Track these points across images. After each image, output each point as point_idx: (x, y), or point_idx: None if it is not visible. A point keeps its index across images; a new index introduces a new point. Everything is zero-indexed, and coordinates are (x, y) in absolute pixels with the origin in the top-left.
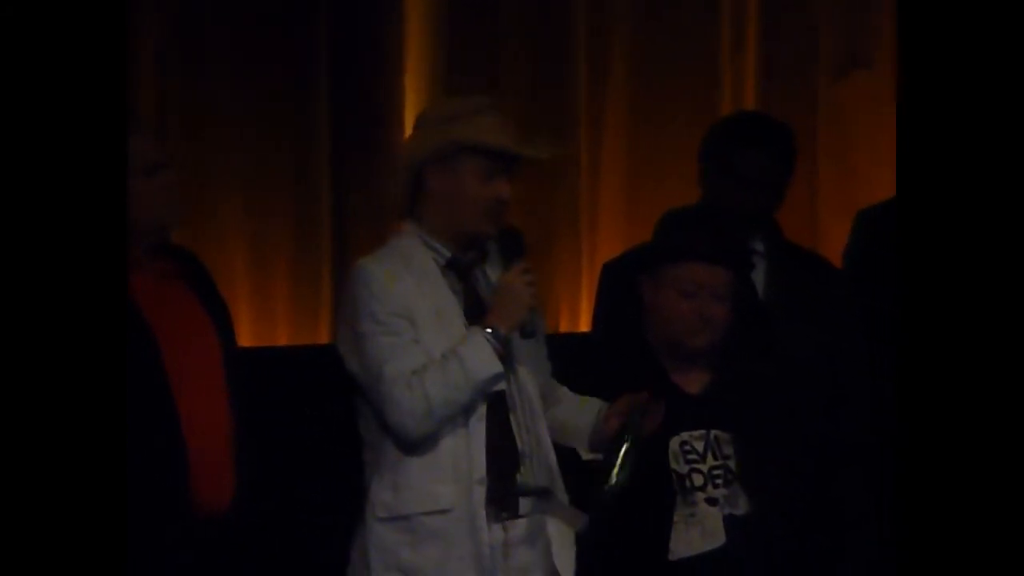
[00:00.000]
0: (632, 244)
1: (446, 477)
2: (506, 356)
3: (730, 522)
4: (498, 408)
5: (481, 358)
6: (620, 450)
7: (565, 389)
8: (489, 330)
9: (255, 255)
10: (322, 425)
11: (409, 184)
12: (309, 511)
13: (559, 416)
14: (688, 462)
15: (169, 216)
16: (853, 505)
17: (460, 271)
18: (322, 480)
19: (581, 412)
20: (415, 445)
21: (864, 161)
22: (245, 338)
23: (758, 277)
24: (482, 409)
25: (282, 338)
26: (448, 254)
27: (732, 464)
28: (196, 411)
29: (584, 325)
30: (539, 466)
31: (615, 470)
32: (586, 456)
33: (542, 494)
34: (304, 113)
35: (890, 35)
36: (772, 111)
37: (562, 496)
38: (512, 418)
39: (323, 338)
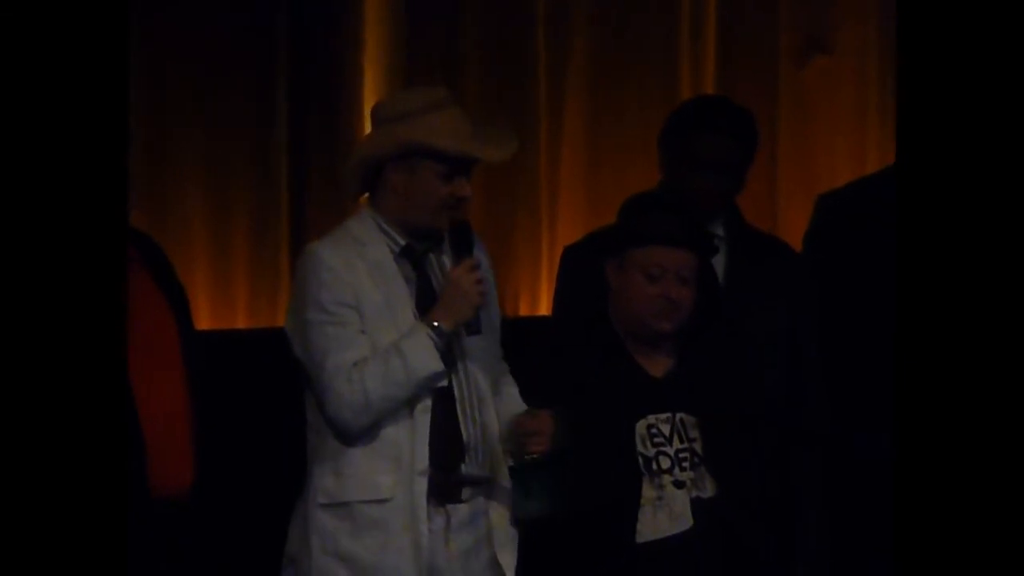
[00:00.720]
0: (592, 228)
1: (388, 467)
2: (452, 350)
3: (697, 505)
4: (445, 400)
5: (422, 356)
6: (520, 477)
7: (507, 385)
8: (434, 325)
9: (214, 238)
10: (281, 407)
11: (366, 176)
12: (269, 493)
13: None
14: (655, 445)
15: None
16: (812, 487)
17: (413, 260)
18: (281, 462)
19: (504, 419)
20: (354, 436)
21: (824, 146)
22: (204, 321)
23: (719, 261)
24: (428, 401)
25: (241, 321)
26: (403, 242)
27: (698, 447)
28: (154, 395)
29: (544, 309)
30: (484, 456)
31: (521, 499)
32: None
33: (484, 483)
34: (263, 99)
35: (851, 21)
36: (732, 97)
37: (506, 484)
38: (459, 409)
39: (282, 321)
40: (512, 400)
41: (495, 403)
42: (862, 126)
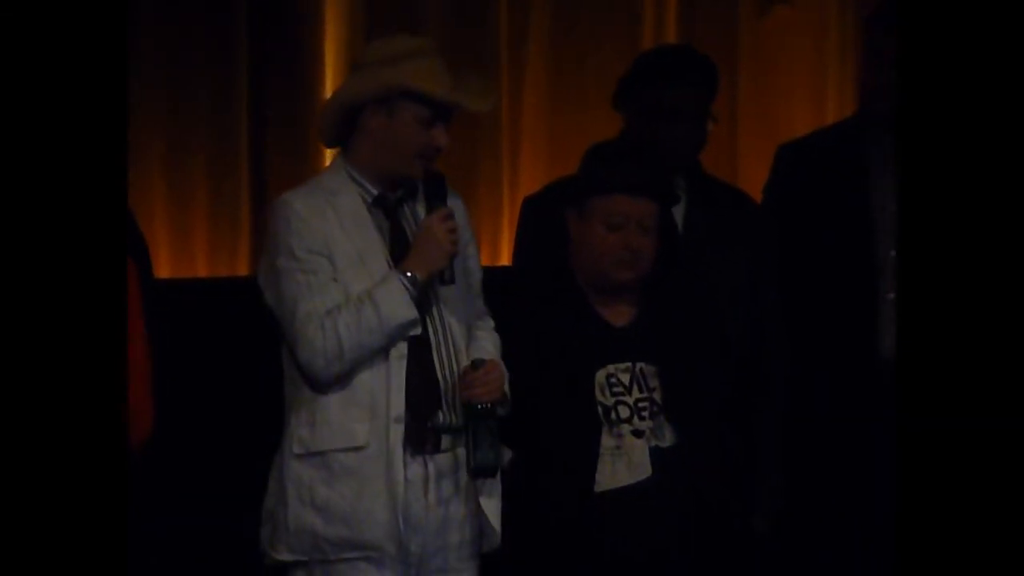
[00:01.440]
0: (553, 178)
1: (363, 415)
2: (426, 298)
3: (656, 454)
4: (420, 347)
5: (395, 303)
6: (470, 428)
7: (482, 334)
8: (407, 275)
9: (174, 186)
10: (242, 356)
11: (343, 120)
12: (228, 441)
13: None
14: (614, 394)
15: None
16: (771, 436)
17: (386, 209)
18: (242, 411)
19: None
20: (326, 384)
21: (784, 96)
22: (164, 270)
23: (678, 211)
24: (403, 348)
25: (201, 270)
26: (375, 191)
27: (657, 396)
28: None
29: (505, 259)
30: (461, 405)
31: (471, 450)
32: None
33: (462, 432)
34: (223, 50)
35: None
36: (694, 46)
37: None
38: (434, 357)
39: (242, 270)
40: (478, 347)
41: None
42: (822, 76)
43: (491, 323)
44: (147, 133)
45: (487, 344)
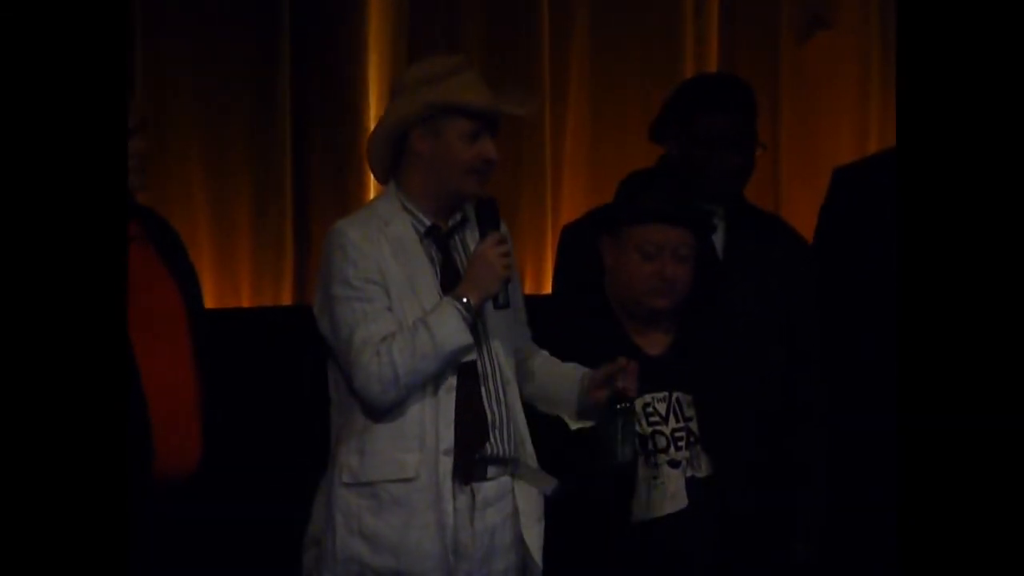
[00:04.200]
0: (594, 205)
1: (412, 446)
2: (478, 326)
3: (693, 484)
4: (469, 378)
5: (450, 328)
6: (617, 423)
7: (543, 354)
8: (461, 300)
9: (217, 217)
10: (285, 385)
11: (392, 149)
12: (274, 473)
13: (540, 384)
14: (651, 424)
15: (134, 182)
16: (806, 463)
17: (438, 239)
18: (286, 441)
19: (562, 380)
20: (382, 412)
21: (826, 122)
22: (208, 300)
23: (718, 239)
24: (452, 379)
25: (245, 299)
26: (428, 222)
27: (694, 426)
28: (158, 369)
29: (549, 287)
30: (508, 436)
31: (617, 445)
32: (574, 426)
33: (509, 463)
34: (265, 74)
35: None
36: (734, 73)
37: (531, 463)
38: (483, 388)
39: (286, 299)
40: (549, 358)
41: (532, 366)
42: (864, 101)
43: (544, 352)
44: (189, 164)
45: (556, 362)
